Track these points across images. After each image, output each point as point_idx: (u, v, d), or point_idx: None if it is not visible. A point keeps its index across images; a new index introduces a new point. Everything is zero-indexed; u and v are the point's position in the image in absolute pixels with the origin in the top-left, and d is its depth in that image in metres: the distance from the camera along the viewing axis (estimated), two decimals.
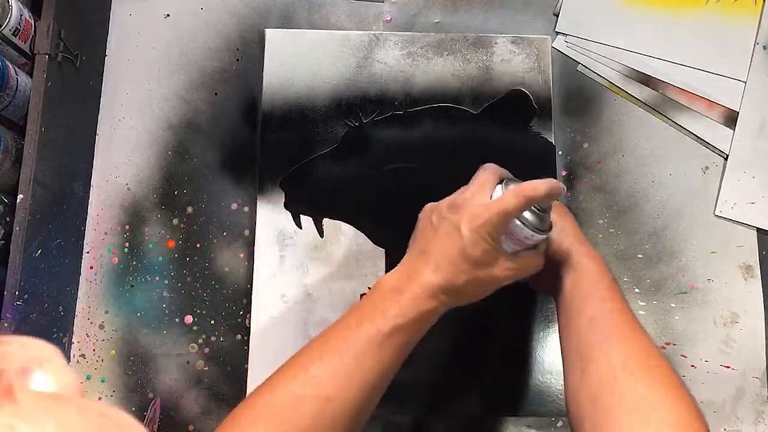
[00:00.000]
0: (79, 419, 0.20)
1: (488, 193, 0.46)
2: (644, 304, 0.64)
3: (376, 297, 0.45)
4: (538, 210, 0.46)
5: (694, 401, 0.41)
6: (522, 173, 0.61)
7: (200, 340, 0.63)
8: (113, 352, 0.63)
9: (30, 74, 0.59)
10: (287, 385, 0.42)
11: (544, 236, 0.47)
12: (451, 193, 0.64)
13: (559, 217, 0.53)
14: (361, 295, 0.63)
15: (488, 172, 0.48)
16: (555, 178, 0.66)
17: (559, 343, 0.56)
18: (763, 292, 0.64)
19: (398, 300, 0.44)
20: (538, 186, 0.45)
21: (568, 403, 0.44)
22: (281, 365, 0.44)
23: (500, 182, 0.48)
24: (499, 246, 0.45)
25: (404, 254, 0.51)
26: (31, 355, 0.22)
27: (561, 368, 0.61)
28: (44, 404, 0.20)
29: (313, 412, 0.40)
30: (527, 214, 0.45)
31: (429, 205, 0.49)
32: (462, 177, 0.65)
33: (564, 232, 0.51)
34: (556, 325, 0.62)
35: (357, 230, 0.64)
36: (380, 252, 0.64)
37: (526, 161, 0.65)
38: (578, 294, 0.48)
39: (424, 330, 0.46)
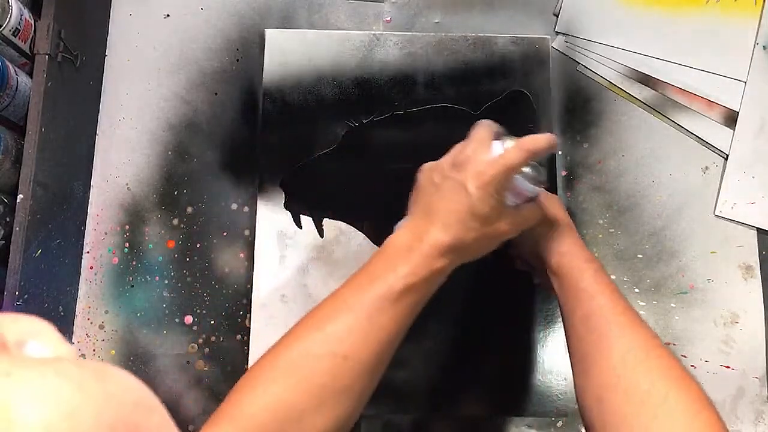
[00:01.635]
0: (77, 369, 0.19)
1: (488, 149, 0.46)
2: (644, 304, 0.64)
3: (387, 256, 0.45)
4: (536, 163, 0.48)
5: (700, 387, 0.41)
6: None
7: (200, 340, 0.63)
8: (113, 352, 0.63)
9: (30, 74, 0.59)
10: (304, 343, 0.42)
11: (542, 188, 0.49)
12: None
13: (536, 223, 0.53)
14: None
15: (485, 128, 0.48)
16: (555, 178, 0.66)
17: (558, 342, 0.55)
18: (763, 292, 0.64)
19: (409, 258, 0.44)
20: (539, 140, 0.46)
21: (578, 404, 0.45)
22: (295, 325, 0.44)
23: (496, 138, 0.49)
24: (504, 201, 0.46)
25: None
26: (23, 329, 0.21)
27: (561, 368, 0.61)
28: (41, 360, 0.20)
29: (331, 369, 0.41)
30: (526, 168, 0.47)
31: (427, 165, 0.49)
32: None
33: (542, 237, 0.52)
34: (556, 325, 0.63)
35: (357, 230, 0.64)
36: None
37: None
38: (567, 294, 0.48)
39: (434, 288, 0.46)
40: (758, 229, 0.65)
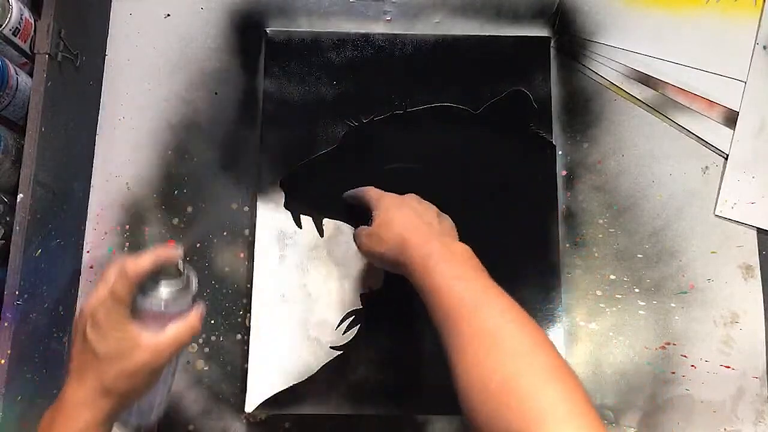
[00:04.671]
0: None
1: (105, 286, 0.44)
2: (644, 304, 0.64)
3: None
4: (170, 276, 0.44)
5: (581, 385, 0.39)
6: (522, 173, 0.61)
7: (200, 340, 0.63)
8: None
9: (30, 74, 0.59)
10: None
11: (187, 300, 0.45)
12: (451, 192, 0.64)
13: (383, 229, 0.52)
14: (361, 295, 0.63)
15: (111, 269, 0.45)
16: (555, 177, 0.66)
17: (557, 343, 0.55)
18: (763, 292, 0.64)
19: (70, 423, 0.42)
20: (142, 259, 0.44)
21: (459, 398, 0.44)
22: None
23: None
24: (136, 328, 0.44)
25: None
26: None
27: None
28: None
29: None
30: (161, 288, 0.44)
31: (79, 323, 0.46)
32: (462, 177, 0.65)
33: (396, 248, 0.50)
34: (555, 325, 0.63)
35: None
36: None
37: (526, 161, 0.65)
38: (428, 306, 0.47)
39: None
40: (758, 229, 0.65)
